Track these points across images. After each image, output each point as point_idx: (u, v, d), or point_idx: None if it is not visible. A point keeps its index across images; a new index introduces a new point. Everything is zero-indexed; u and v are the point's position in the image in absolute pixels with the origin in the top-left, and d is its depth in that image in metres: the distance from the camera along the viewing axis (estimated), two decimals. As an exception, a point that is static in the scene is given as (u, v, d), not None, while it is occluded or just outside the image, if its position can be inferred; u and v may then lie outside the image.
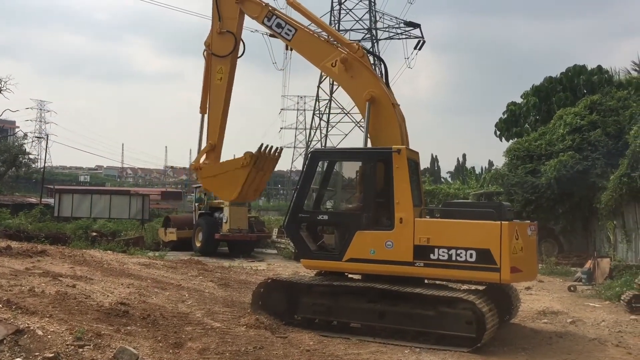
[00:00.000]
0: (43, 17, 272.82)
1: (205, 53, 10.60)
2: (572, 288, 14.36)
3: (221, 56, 10.38)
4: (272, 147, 10.45)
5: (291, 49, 10.41)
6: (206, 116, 10.66)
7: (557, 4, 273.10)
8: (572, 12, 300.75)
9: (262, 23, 10.21)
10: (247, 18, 10.57)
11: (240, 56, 10.64)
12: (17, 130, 57.06)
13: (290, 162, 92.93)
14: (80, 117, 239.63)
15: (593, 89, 26.39)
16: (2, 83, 32.52)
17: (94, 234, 23.48)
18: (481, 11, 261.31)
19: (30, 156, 44.90)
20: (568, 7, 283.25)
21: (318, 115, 58.53)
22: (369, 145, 9.26)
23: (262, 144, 10.21)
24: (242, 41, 10.66)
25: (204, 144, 10.59)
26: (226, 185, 10.35)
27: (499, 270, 7.93)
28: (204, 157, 10.53)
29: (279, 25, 10.08)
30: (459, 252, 8.11)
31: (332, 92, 55.09)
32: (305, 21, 10.53)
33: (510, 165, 23.79)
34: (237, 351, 7.15)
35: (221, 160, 10.60)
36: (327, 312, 8.81)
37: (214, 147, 10.49)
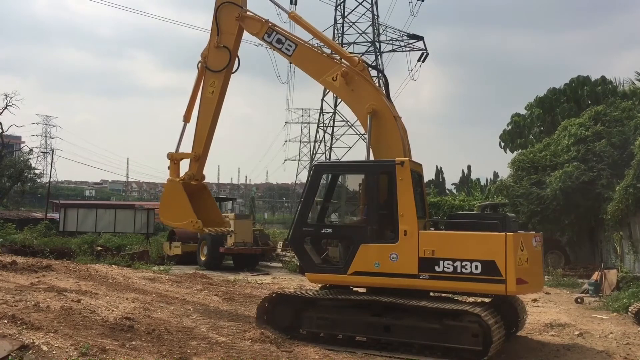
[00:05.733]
0: (47, 33, 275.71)
1: (199, 64, 10.72)
2: (579, 300, 14.27)
3: (215, 71, 10.50)
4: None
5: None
6: (189, 125, 10.85)
7: (558, 17, 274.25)
8: (573, 25, 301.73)
9: (262, 39, 10.30)
10: (247, 33, 10.67)
11: (234, 72, 10.77)
12: (22, 145, 57.37)
13: (294, 175, 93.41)
14: (86, 132, 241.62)
15: (597, 99, 26.42)
16: (8, 99, 32.85)
17: (99, 248, 23.46)
18: (483, 24, 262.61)
19: (36, 171, 45.09)
20: (569, 20, 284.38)
21: (322, 128, 58.72)
22: (372, 157, 9.27)
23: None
24: (238, 57, 10.80)
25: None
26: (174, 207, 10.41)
27: (504, 281, 7.89)
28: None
29: (279, 41, 10.16)
30: (464, 264, 8.07)
31: (336, 105, 55.25)
32: (306, 35, 10.62)
33: (515, 177, 23.76)
34: (242, 365, 7.11)
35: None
36: (332, 326, 8.76)
37: (198, 158, 10.65)
